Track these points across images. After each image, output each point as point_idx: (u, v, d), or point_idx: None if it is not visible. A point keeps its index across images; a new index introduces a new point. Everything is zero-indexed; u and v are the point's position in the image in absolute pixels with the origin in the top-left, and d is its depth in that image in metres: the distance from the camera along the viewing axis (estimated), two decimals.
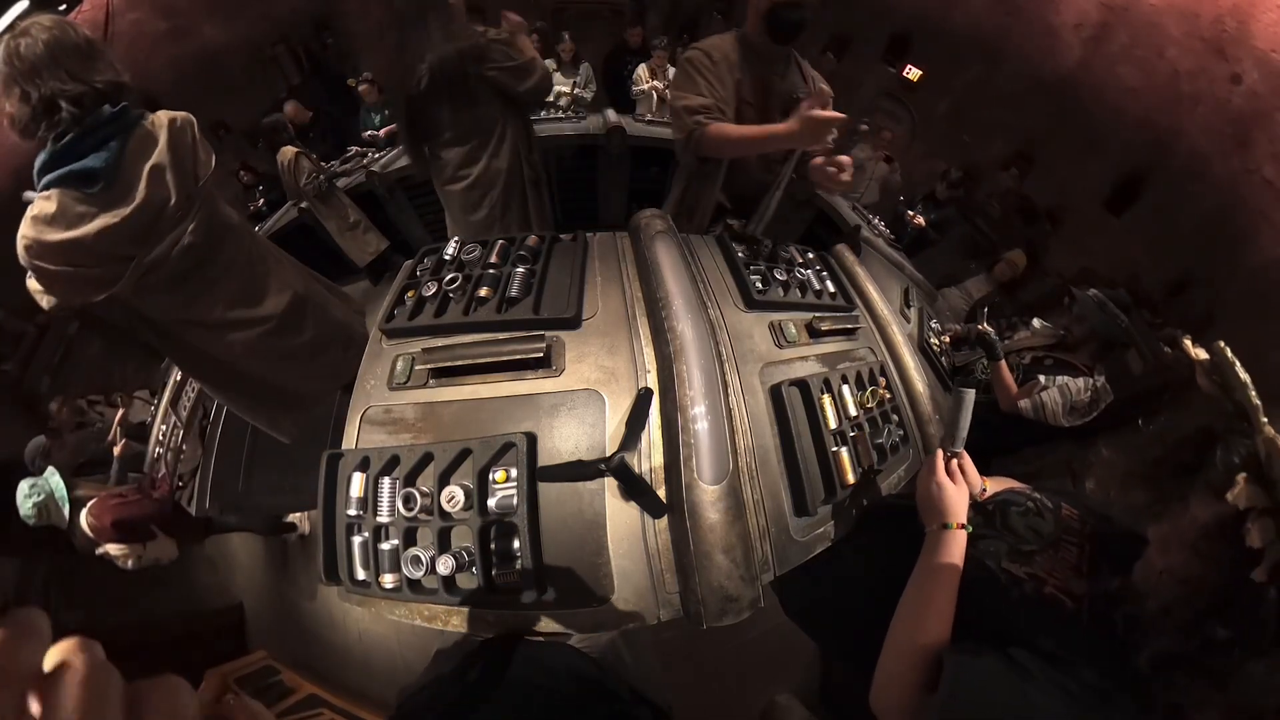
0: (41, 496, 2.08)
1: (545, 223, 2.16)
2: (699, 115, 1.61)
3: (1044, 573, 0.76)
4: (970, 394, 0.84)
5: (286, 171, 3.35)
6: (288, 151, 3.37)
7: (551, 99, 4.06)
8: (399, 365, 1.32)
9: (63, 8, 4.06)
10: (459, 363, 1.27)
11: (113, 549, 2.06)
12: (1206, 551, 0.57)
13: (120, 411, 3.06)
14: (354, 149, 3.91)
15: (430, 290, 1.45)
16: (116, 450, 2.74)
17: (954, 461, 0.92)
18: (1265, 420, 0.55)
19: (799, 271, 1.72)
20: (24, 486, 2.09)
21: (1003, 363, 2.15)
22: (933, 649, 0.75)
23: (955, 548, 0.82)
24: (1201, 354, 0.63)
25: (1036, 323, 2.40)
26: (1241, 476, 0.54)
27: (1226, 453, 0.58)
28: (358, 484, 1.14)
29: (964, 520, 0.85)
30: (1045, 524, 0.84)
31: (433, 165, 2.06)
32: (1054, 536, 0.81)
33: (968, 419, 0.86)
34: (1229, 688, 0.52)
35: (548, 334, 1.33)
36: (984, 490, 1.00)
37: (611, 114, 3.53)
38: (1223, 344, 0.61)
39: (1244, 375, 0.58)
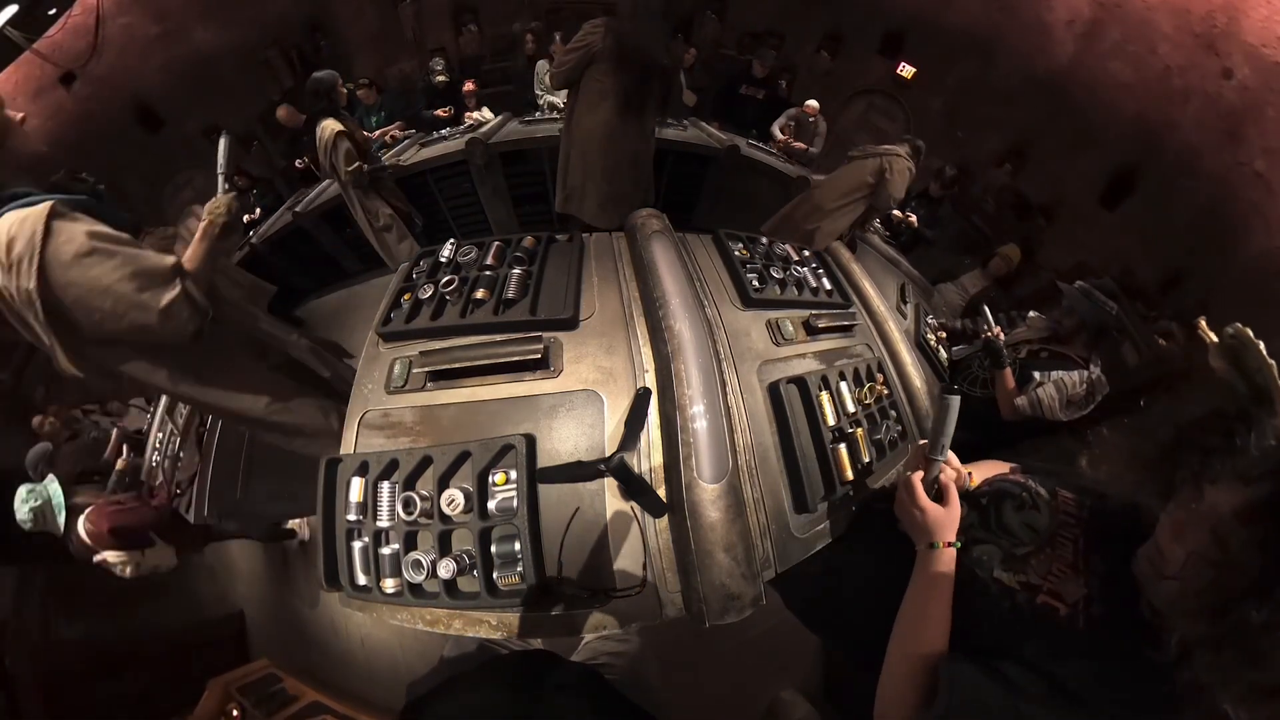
0: (39, 502, 2.07)
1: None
2: None
3: (1038, 578, 0.76)
4: (956, 400, 0.80)
5: (324, 151, 2.86)
6: (330, 127, 2.81)
7: (548, 100, 4.10)
8: (396, 369, 1.31)
9: (52, 12, 4.03)
10: (457, 365, 1.26)
11: (110, 556, 2.05)
12: (1235, 535, 0.56)
13: (120, 425, 3.05)
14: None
15: (427, 293, 1.45)
16: (119, 464, 2.73)
17: (936, 475, 0.87)
18: None
19: (795, 269, 1.72)
20: (22, 492, 2.08)
21: (1007, 370, 2.11)
22: (931, 660, 0.75)
23: (945, 563, 0.82)
24: (1214, 336, 0.62)
25: (1033, 316, 2.40)
26: None
27: (1260, 437, 0.57)
28: (357, 489, 1.13)
29: (952, 538, 0.83)
30: (1040, 518, 0.83)
31: (602, 114, 2.42)
32: (1050, 530, 0.80)
33: (953, 426, 0.82)
34: (1262, 666, 0.52)
35: (545, 335, 1.32)
36: (969, 486, 0.96)
37: None
38: (1241, 325, 0.59)
39: (1267, 357, 0.57)
